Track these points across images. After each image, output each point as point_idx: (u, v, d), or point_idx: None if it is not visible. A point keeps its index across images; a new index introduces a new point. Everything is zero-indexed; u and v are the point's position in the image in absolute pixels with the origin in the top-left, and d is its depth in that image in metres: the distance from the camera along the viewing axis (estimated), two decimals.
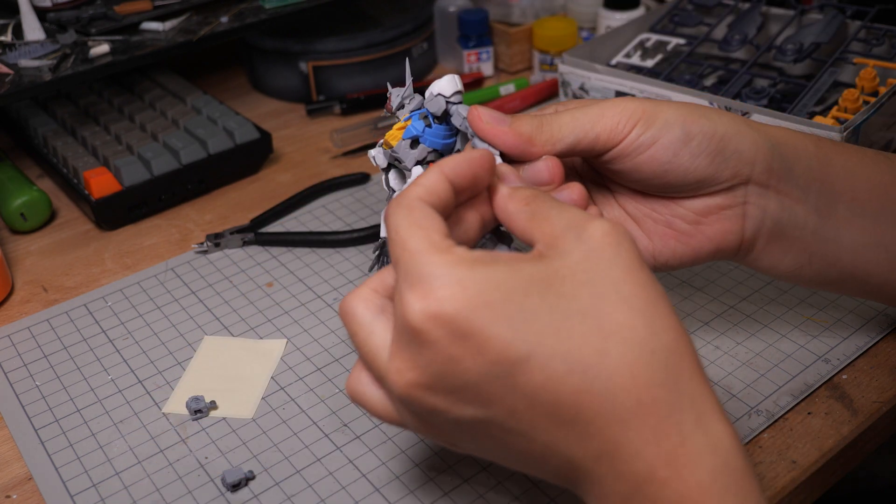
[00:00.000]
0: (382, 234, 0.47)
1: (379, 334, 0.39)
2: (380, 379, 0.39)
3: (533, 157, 0.45)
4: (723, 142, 0.46)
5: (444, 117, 0.47)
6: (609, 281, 0.36)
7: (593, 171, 0.51)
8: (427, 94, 0.47)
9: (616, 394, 0.35)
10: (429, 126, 0.46)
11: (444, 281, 0.35)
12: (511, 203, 0.41)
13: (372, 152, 0.49)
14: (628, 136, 0.45)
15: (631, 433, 0.35)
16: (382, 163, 0.49)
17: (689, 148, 0.45)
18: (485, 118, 0.45)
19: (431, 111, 0.46)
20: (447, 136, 0.47)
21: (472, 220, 0.42)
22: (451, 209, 0.40)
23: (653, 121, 0.45)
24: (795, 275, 0.50)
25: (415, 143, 0.46)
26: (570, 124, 0.45)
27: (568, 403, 0.35)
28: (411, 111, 0.47)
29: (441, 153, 0.47)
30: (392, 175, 0.49)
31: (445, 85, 0.46)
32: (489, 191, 0.42)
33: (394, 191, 0.49)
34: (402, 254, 0.37)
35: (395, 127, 0.47)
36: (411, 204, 0.38)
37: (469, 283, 0.35)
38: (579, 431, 0.36)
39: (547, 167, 0.45)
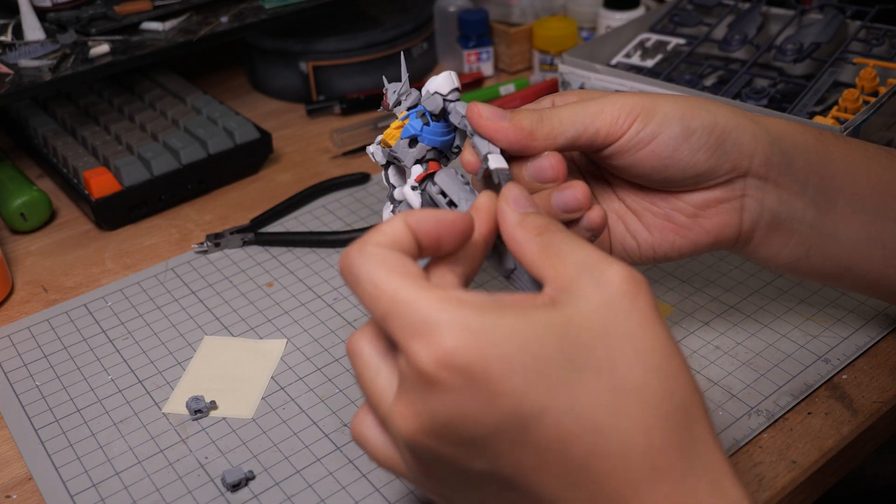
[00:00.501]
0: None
1: (385, 376, 0.37)
2: (383, 421, 0.37)
3: (533, 151, 0.44)
4: (723, 135, 0.45)
5: (442, 114, 0.46)
6: (626, 334, 0.34)
7: (592, 165, 0.51)
8: (424, 91, 0.46)
9: (629, 456, 0.33)
10: (427, 124, 0.46)
11: (454, 329, 0.33)
12: (520, 231, 0.38)
13: (370, 149, 0.49)
14: (628, 132, 0.45)
15: (644, 498, 0.33)
16: (381, 160, 0.49)
17: (689, 143, 0.45)
18: (484, 114, 0.44)
19: (429, 109, 0.46)
20: (445, 133, 0.46)
21: (479, 246, 0.40)
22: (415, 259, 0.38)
23: (651, 116, 0.45)
24: (793, 267, 0.50)
25: (413, 141, 0.46)
26: (570, 119, 0.45)
27: (578, 463, 0.33)
28: (408, 108, 0.47)
29: (440, 150, 0.47)
30: (392, 171, 0.49)
31: (442, 82, 0.46)
32: (497, 214, 0.40)
33: (394, 186, 0.49)
34: (395, 305, 0.34)
35: (392, 125, 0.46)
36: (382, 254, 0.35)
37: (480, 331, 0.33)
38: (589, 492, 0.34)
39: (551, 164, 0.44)
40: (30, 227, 0.74)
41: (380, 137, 0.47)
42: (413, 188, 0.46)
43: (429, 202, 0.45)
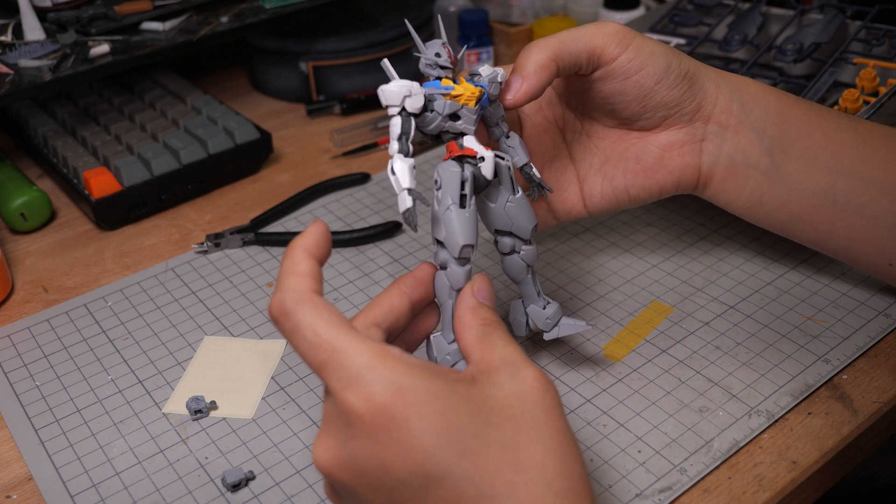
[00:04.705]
0: (406, 184, 0.43)
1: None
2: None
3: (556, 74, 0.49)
4: (693, 78, 0.52)
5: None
6: (531, 421, 0.38)
7: (572, 121, 0.56)
8: (489, 76, 0.48)
9: None
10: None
11: (386, 385, 0.36)
12: (469, 316, 0.43)
13: (413, 89, 0.46)
14: (622, 56, 0.50)
15: None
16: (416, 106, 0.46)
17: (668, 80, 0.51)
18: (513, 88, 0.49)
19: (491, 93, 0.48)
20: None
21: (405, 309, 0.44)
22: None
23: (641, 49, 0.51)
24: (749, 213, 0.55)
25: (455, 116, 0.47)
26: (570, 37, 0.50)
27: None
28: (479, 82, 0.48)
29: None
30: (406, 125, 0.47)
31: (497, 75, 0.48)
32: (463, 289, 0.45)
33: (408, 140, 0.46)
34: (333, 355, 0.37)
35: (464, 89, 0.47)
36: (316, 301, 0.38)
37: (408, 390, 0.37)
38: None
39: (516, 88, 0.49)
40: (30, 227, 0.74)
41: (415, 86, 0.46)
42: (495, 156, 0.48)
43: (482, 173, 0.47)
